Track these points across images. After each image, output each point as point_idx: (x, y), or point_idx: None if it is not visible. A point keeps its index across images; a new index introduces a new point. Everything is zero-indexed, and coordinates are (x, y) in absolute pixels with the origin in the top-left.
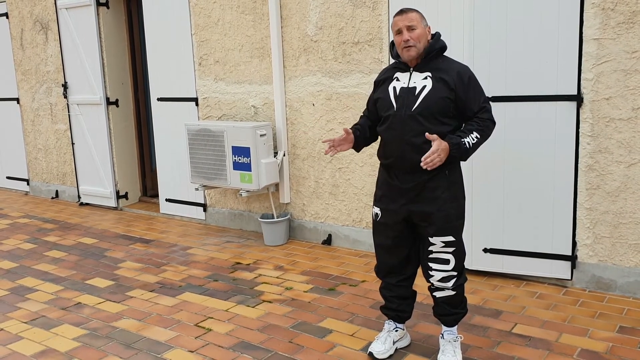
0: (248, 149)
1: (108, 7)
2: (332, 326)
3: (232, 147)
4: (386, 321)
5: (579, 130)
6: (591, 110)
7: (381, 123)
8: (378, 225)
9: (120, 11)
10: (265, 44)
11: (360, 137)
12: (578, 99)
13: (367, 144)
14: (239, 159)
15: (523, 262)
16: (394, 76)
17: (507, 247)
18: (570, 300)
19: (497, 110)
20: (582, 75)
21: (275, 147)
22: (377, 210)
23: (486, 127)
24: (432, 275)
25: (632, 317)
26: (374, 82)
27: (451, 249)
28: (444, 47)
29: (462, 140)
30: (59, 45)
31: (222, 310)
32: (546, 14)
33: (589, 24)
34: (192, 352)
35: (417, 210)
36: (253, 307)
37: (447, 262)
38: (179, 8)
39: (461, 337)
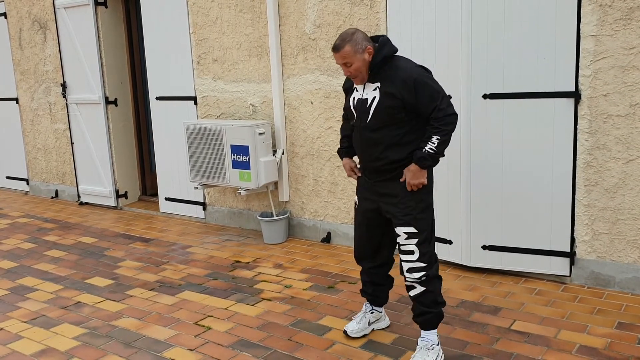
0: (247, 147)
1: (106, 7)
2: (331, 324)
3: (231, 145)
4: (365, 302)
5: (577, 126)
6: (589, 107)
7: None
8: (356, 212)
9: (119, 10)
10: (264, 42)
11: (351, 149)
12: (576, 95)
13: None
14: (238, 158)
15: (522, 259)
16: (354, 86)
17: (506, 244)
18: (569, 297)
19: (495, 107)
20: (579, 71)
21: (274, 146)
22: (356, 198)
23: (444, 125)
24: (403, 267)
25: (630, 313)
26: (343, 88)
27: (414, 241)
28: (388, 55)
29: (424, 149)
30: (58, 44)
31: (221, 308)
32: (544, 10)
33: (587, 20)
34: (191, 350)
35: (383, 201)
36: (252, 305)
37: (411, 252)
38: (177, 7)
39: (439, 347)
